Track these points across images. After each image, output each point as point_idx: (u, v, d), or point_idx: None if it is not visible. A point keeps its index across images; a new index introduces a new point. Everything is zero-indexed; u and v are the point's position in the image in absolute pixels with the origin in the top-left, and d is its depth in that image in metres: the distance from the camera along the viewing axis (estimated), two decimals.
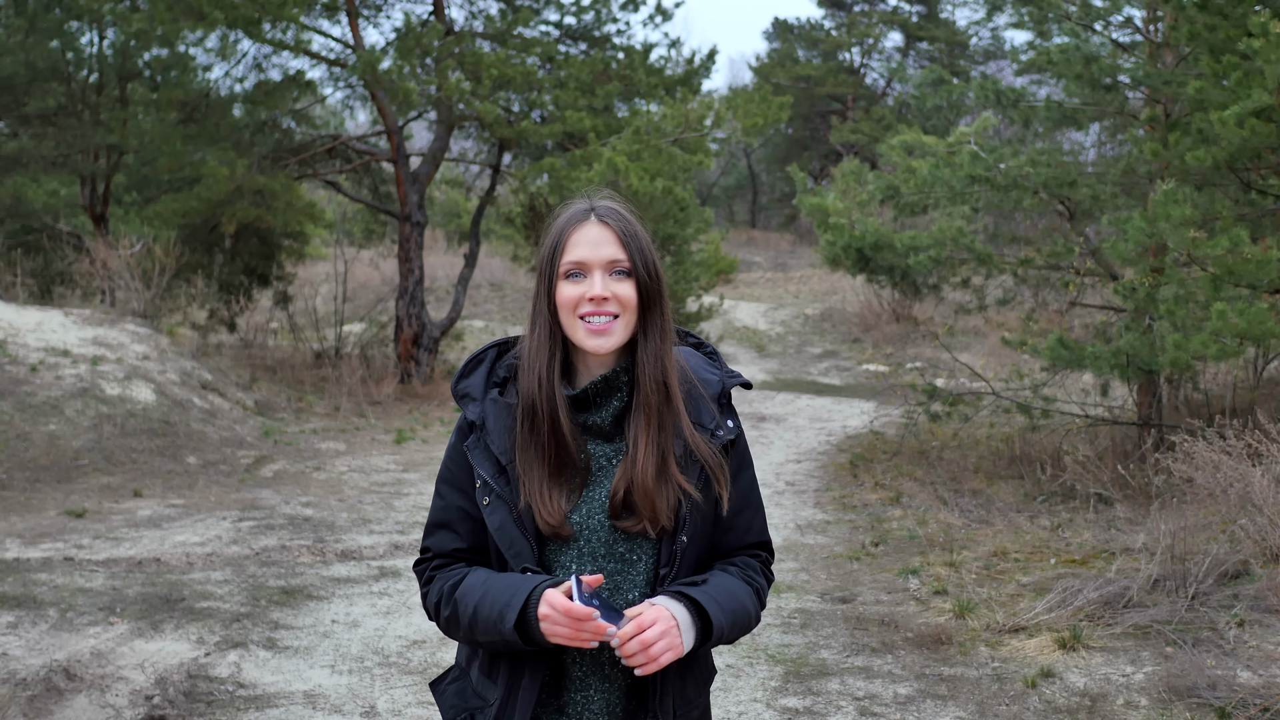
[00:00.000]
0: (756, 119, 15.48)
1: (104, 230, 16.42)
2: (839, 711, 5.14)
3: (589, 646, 1.91)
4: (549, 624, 1.90)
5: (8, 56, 14.81)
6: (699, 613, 1.99)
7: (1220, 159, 8.37)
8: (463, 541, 2.12)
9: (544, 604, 1.91)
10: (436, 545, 2.15)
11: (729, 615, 2.04)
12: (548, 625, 1.90)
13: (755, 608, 2.14)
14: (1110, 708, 5.05)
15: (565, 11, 16.78)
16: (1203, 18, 8.52)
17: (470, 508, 2.11)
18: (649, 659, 1.91)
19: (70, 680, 5.22)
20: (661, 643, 1.91)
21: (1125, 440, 10.44)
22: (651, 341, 2.06)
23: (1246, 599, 6.02)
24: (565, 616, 1.88)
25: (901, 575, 7.30)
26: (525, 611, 1.93)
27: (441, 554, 2.15)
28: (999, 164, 10.31)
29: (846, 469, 11.42)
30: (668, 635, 1.92)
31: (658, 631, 1.91)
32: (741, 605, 2.09)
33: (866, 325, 22.97)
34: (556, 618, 1.89)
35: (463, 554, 2.13)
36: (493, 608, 1.97)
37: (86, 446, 10.22)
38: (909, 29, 36.87)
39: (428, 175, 16.38)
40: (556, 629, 1.90)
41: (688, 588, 2.02)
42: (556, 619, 1.89)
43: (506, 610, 1.95)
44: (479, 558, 2.12)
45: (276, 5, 13.59)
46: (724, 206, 42.69)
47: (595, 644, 1.91)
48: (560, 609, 1.88)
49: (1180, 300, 8.57)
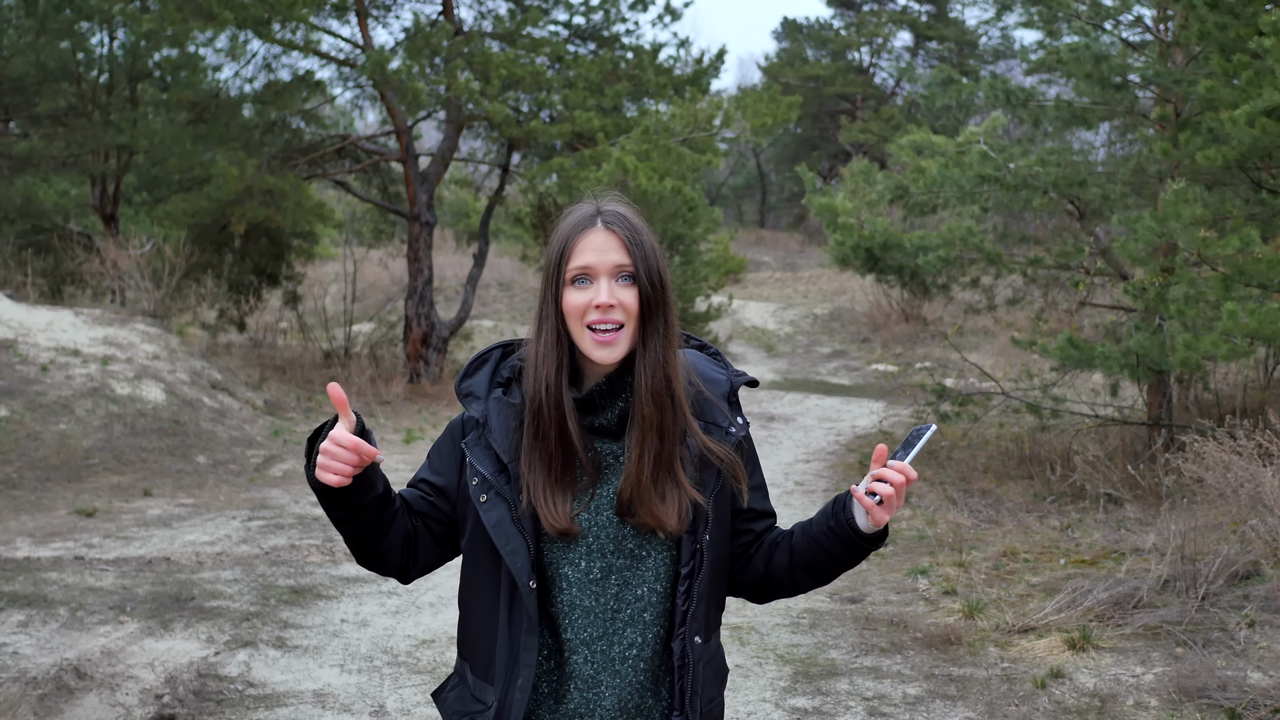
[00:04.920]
0: (765, 119, 15.46)
1: (114, 230, 16.45)
2: (848, 711, 5.14)
3: (339, 474, 1.95)
4: (322, 458, 1.96)
5: (18, 57, 14.85)
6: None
7: (1231, 158, 8.34)
8: (418, 504, 2.18)
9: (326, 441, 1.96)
10: (405, 493, 2.22)
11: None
12: (321, 459, 1.96)
13: None
14: (1120, 708, 5.04)
15: (574, 11, 16.79)
16: (1213, 16, 8.49)
17: (429, 490, 2.18)
18: (896, 502, 2.00)
19: (80, 679, 5.24)
20: (900, 497, 2.01)
21: (1135, 440, 10.42)
22: (651, 351, 2.05)
23: (1257, 600, 6.00)
24: (333, 444, 1.94)
25: (911, 575, 7.29)
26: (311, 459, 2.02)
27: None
28: (1008, 164, 10.28)
29: (855, 469, 11.40)
30: (902, 494, 2.01)
31: (903, 487, 2.00)
32: None
33: (875, 325, 22.93)
34: (328, 448, 1.95)
35: (414, 512, 2.19)
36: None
37: (97, 446, 10.25)
38: (918, 28, 36.80)
39: (437, 175, 16.40)
40: (324, 459, 1.95)
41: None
42: (327, 449, 1.95)
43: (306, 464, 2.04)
44: (423, 521, 2.19)
45: (286, 5, 13.61)
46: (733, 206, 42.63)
47: (346, 477, 1.96)
48: (334, 439, 1.95)
49: (1190, 300, 8.54)
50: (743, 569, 2.21)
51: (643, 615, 2.05)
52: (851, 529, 2.06)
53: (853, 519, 2.06)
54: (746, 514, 2.19)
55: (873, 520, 2.01)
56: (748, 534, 2.20)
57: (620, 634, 2.04)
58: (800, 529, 2.17)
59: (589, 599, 2.04)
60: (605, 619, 2.04)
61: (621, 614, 2.05)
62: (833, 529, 2.08)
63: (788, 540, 2.17)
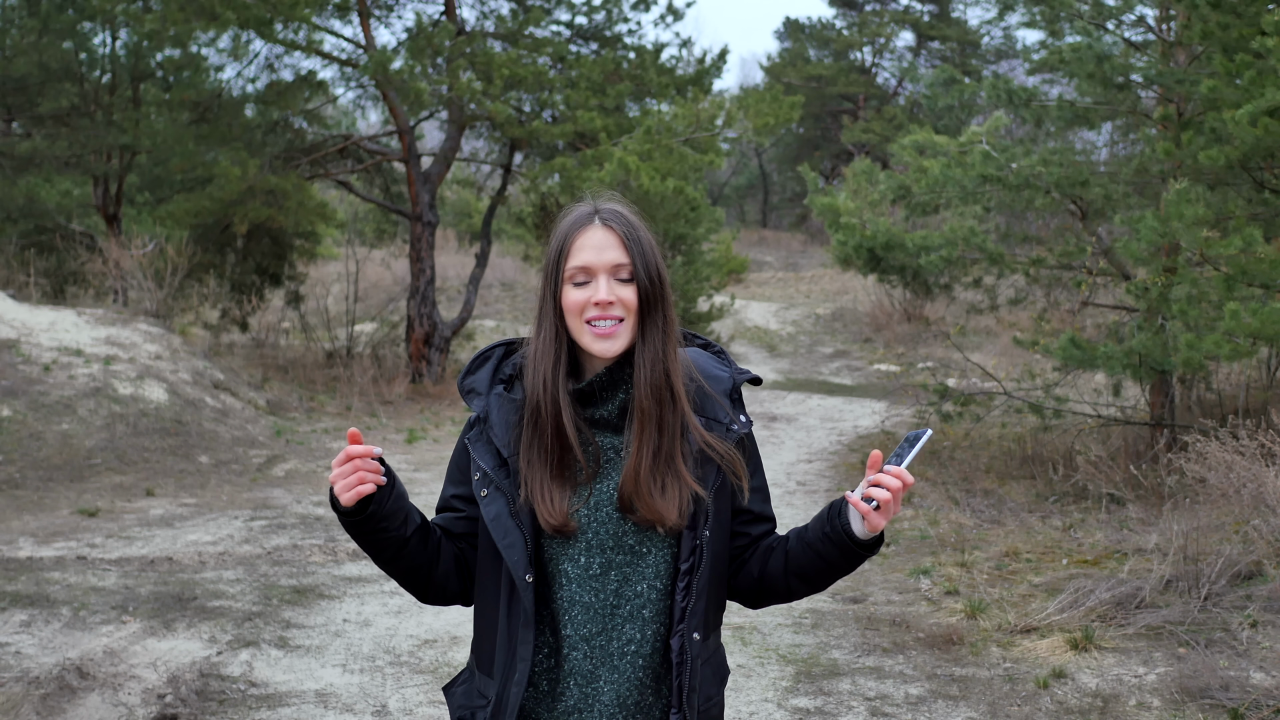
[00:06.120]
0: (768, 118, 15.46)
1: (117, 230, 16.47)
2: (850, 712, 5.14)
3: (362, 481, 1.98)
4: (339, 482, 1.99)
5: (21, 58, 14.87)
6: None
7: (1233, 158, 8.34)
8: (456, 527, 2.19)
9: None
10: (440, 522, 2.22)
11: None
12: (338, 485, 1.99)
13: None
14: (1122, 709, 5.04)
15: (576, 11, 16.79)
16: (1216, 16, 8.48)
17: (460, 503, 2.18)
18: (893, 508, 1.99)
19: (83, 679, 5.24)
20: (897, 502, 2.00)
21: (1138, 440, 10.41)
22: (650, 346, 2.07)
23: (1260, 600, 6.00)
24: (337, 464, 1.99)
25: (913, 575, 7.29)
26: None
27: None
28: (1011, 163, 10.28)
29: (858, 469, 11.40)
30: (899, 499, 2.01)
31: (900, 492, 1.99)
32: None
33: (878, 325, 22.91)
34: (337, 470, 1.99)
35: (455, 536, 2.19)
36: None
37: (99, 446, 10.26)
38: (921, 28, 36.77)
39: (439, 175, 16.40)
40: (340, 481, 1.98)
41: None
42: (337, 471, 1.99)
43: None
44: (468, 541, 2.19)
45: (288, 5, 13.62)
46: (735, 206, 42.61)
47: (364, 484, 1.98)
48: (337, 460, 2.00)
49: (1193, 300, 8.53)
50: (736, 572, 2.21)
51: (642, 611, 2.05)
52: (847, 534, 2.05)
53: (849, 524, 2.05)
54: (745, 515, 2.18)
55: (869, 526, 2.01)
56: (744, 537, 2.19)
57: (619, 630, 2.05)
58: (795, 535, 2.16)
59: (588, 595, 2.05)
60: (604, 615, 2.05)
61: (621, 610, 2.05)
62: (828, 535, 2.08)
63: (783, 546, 2.17)
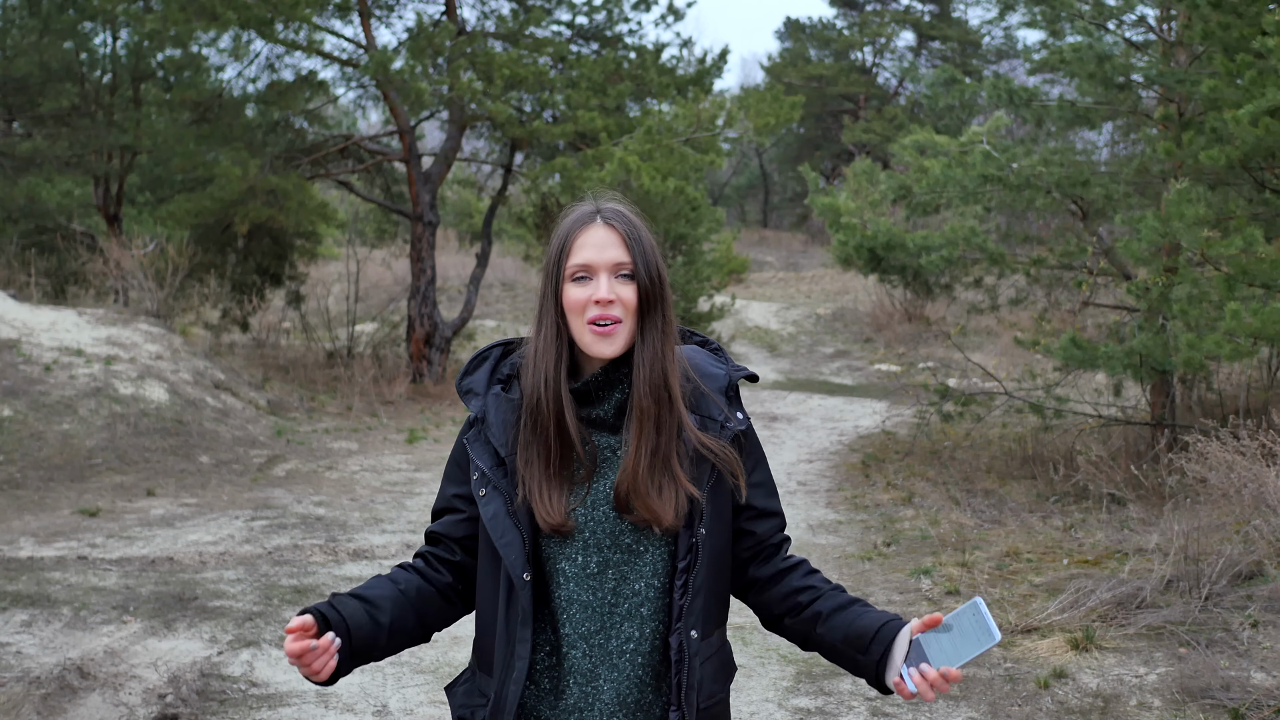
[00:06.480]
0: (768, 118, 15.46)
1: (117, 230, 16.47)
2: (851, 712, 5.14)
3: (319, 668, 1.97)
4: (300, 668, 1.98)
5: (22, 57, 14.87)
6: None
7: (1234, 158, 8.33)
8: (457, 530, 2.19)
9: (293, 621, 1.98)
10: (439, 529, 2.21)
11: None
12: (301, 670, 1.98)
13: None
14: (1123, 709, 5.04)
15: (577, 11, 16.79)
16: (1216, 16, 8.48)
17: (462, 503, 2.17)
18: (930, 698, 1.99)
19: (84, 678, 5.24)
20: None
21: (1138, 440, 10.40)
22: (649, 345, 2.07)
23: (1260, 600, 6.00)
24: (289, 653, 1.95)
25: (914, 575, 7.28)
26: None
27: (433, 537, 2.22)
28: (1011, 163, 10.27)
29: (859, 469, 11.40)
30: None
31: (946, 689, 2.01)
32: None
33: (879, 325, 22.91)
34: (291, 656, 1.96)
35: (455, 540, 2.19)
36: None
37: (100, 446, 10.26)
38: (921, 28, 36.77)
39: (440, 175, 16.40)
40: (300, 668, 1.98)
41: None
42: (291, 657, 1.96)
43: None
44: (469, 545, 2.18)
45: (289, 5, 13.62)
46: (736, 206, 42.62)
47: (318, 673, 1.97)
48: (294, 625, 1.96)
49: (1194, 300, 8.53)
50: (743, 575, 2.21)
51: (640, 610, 2.05)
52: (878, 680, 2.07)
53: (884, 675, 2.05)
54: (749, 512, 2.17)
55: (900, 695, 2.03)
56: (750, 536, 2.18)
57: (618, 629, 2.05)
58: (832, 610, 2.13)
59: (586, 594, 2.05)
60: (603, 614, 2.05)
61: (619, 609, 2.05)
62: (860, 662, 2.09)
63: (813, 600, 2.16)
